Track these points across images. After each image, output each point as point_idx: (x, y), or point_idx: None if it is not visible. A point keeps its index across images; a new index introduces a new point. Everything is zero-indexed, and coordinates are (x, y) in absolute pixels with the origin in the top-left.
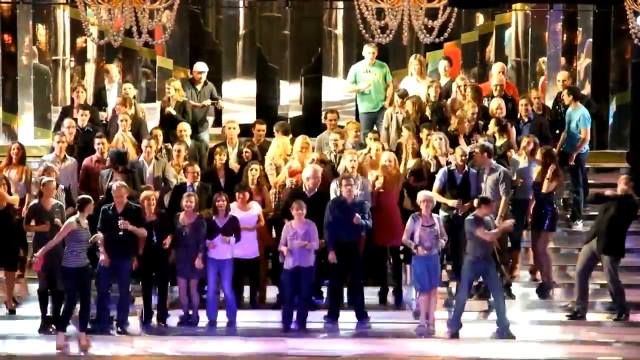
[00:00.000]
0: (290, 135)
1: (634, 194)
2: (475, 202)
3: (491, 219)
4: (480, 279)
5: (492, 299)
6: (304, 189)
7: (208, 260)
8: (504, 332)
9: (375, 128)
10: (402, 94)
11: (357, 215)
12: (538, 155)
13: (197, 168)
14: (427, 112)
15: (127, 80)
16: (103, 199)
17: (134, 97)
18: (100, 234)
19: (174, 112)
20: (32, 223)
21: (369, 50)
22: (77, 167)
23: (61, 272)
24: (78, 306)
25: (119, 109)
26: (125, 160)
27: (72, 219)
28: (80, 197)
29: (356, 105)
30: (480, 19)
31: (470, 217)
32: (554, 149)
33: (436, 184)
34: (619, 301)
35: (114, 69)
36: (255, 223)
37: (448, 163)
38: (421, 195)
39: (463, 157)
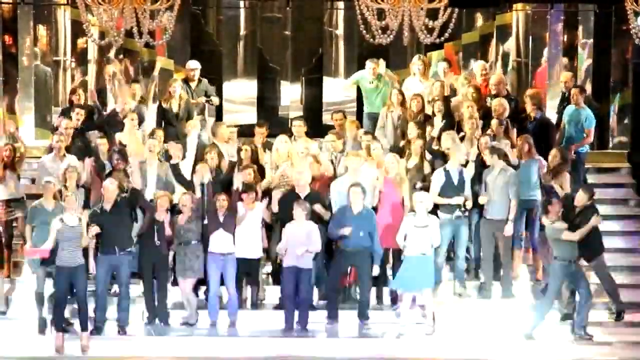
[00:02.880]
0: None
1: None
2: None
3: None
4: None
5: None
6: (296, 191)
7: (209, 256)
8: (583, 333)
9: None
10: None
11: (376, 265)
12: (552, 156)
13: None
14: (431, 110)
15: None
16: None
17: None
18: (94, 228)
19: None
20: (33, 224)
21: (369, 66)
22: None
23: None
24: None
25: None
26: (127, 159)
27: (57, 218)
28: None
29: (358, 105)
30: (480, 19)
31: (548, 223)
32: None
33: (434, 187)
34: (615, 299)
35: (137, 89)
36: (260, 223)
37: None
38: (417, 196)
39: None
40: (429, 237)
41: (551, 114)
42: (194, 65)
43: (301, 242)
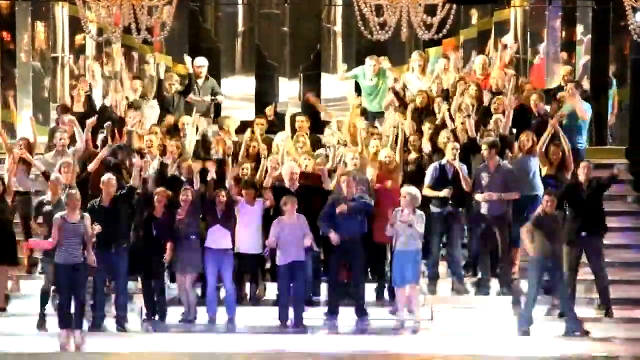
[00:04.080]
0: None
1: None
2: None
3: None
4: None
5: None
6: (287, 186)
7: (206, 253)
8: (574, 329)
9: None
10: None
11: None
12: (552, 152)
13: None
14: (436, 107)
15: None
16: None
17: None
18: (97, 227)
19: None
20: (40, 220)
21: (370, 64)
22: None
23: (54, 268)
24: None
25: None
26: (130, 155)
27: (58, 215)
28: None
29: None
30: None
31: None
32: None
33: (427, 180)
34: (604, 296)
35: (139, 85)
36: (261, 219)
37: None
38: (402, 190)
39: (454, 152)
40: (414, 231)
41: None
42: (202, 62)
43: (298, 235)
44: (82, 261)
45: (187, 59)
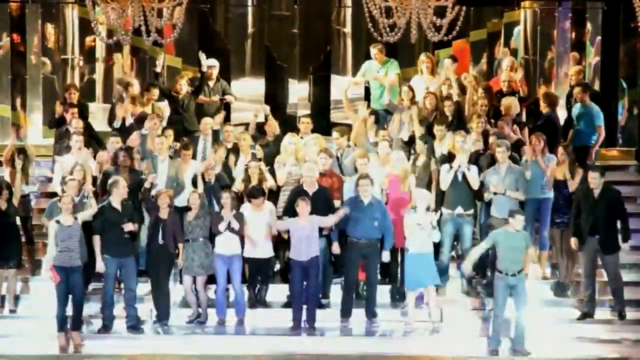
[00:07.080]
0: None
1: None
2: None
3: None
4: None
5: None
6: (304, 187)
7: (216, 256)
8: (518, 348)
9: (386, 126)
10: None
11: (386, 252)
12: (560, 153)
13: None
14: (446, 109)
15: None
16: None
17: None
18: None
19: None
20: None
21: (373, 53)
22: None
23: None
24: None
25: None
26: (132, 157)
27: (52, 220)
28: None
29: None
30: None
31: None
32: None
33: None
34: (619, 299)
35: (156, 93)
36: (268, 224)
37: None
38: (417, 192)
39: (464, 154)
40: (428, 233)
41: (560, 110)
42: (212, 63)
43: (306, 235)
44: (78, 265)
45: (202, 56)
